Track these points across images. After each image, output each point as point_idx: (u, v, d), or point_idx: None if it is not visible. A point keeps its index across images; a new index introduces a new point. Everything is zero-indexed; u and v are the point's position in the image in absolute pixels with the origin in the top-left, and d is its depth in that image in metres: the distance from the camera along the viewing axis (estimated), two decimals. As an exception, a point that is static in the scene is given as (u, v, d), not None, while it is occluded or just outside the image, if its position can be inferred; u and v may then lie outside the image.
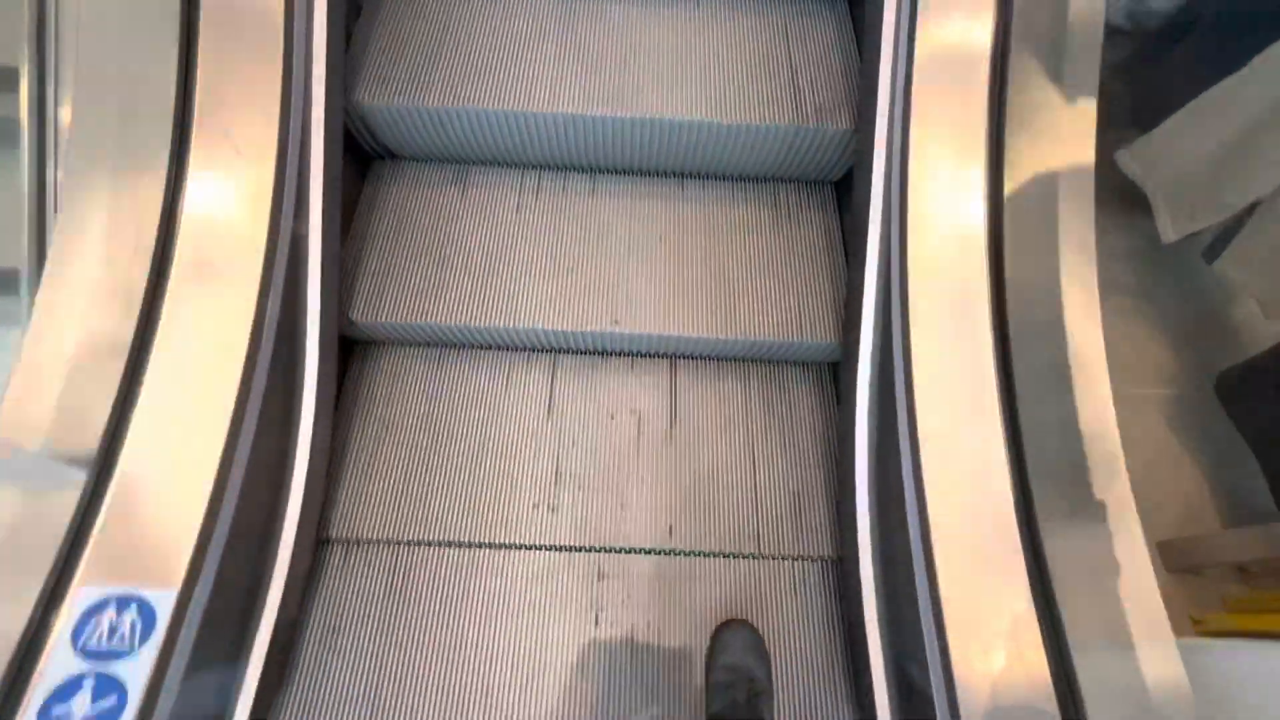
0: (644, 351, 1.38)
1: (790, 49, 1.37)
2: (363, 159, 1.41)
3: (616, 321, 1.28)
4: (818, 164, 1.38)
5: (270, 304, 0.99)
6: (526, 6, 1.39)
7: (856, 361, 1.16)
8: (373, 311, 1.25)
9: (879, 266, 1.14)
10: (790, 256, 1.36)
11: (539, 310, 1.28)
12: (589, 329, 1.27)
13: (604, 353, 1.39)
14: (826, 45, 1.37)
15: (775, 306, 1.30)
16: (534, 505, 1.27)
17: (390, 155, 1.42)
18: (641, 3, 1.41)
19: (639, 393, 1.38)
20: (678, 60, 1.34)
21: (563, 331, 1.27)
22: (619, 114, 1.26)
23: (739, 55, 1.35)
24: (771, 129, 1.28)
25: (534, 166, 1.44)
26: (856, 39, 1.38)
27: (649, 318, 1.28)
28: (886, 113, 1.14)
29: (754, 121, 1.27)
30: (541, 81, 1.29)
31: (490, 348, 1.39)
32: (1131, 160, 1.68)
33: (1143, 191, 1.68)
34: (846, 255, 1.36)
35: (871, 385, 1.15)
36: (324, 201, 1.12)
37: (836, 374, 1.40)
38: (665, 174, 1.45)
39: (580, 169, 1.44)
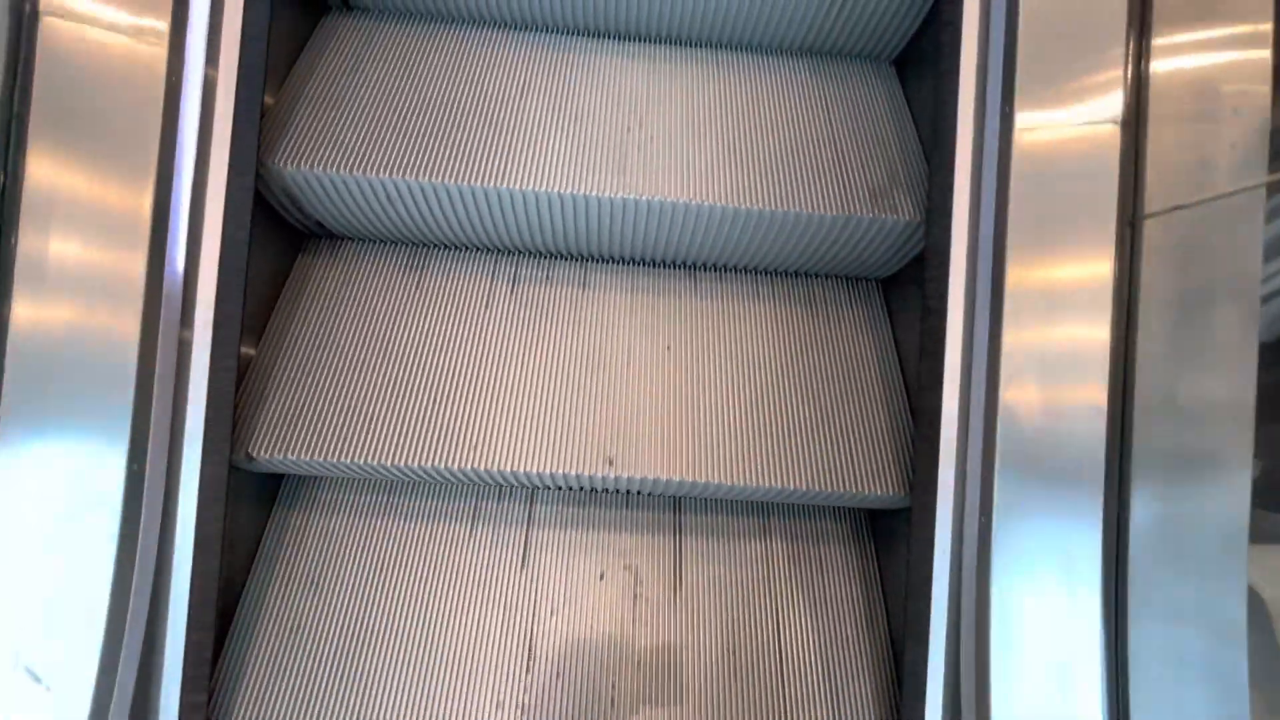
0: (642, 490, 1.07)
1: (831, 120, 1.11)
2: (291, 235, 1.10)
3: (611, 462, 0.97)
4: (866, 259, 1.11)
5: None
6: (508, 54, 1.12)
7: (933, 534, 0.87)
8: (283, 445, 0.93)
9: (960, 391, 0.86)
10: (831, 374, 1.07)
11: (511, 447, 0.96)
12: (575, 471, 0.96)
13: (593, 490, 1.08)
14: (875, 117, 1.12)
15: (812, 444, 1.00)
16: (497, 705, 0.94)
17: (326, 233, 1.12)
18: (648, 57, 1.15)
19: (635, 544, 1.06)
20: (693, 129, 1.07)
21: (541, 474, 0.96)
22: (621, 194, 0.98)
23: (770, 126, 1.09)
24: (814, 219, 1.01)
25: (510, 251, 1.14)
26: (911, 111, 1.13)
27: (651, 458, 0.97)
28: (968, 205, 0.88)
29: (791, 209, 0.99)
30: (523, 149, 1.01)
31: (447, 485, 1.07)
32: None
33: None
34: (903, 367, 1.08)
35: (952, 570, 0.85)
36: (218, 291, 0.82)
37: (876, 523, 1.10)
38: (673, 264, 1.17)
39: (569, 256, 1.15)
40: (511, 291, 1.10)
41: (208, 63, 0.83)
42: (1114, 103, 0.83)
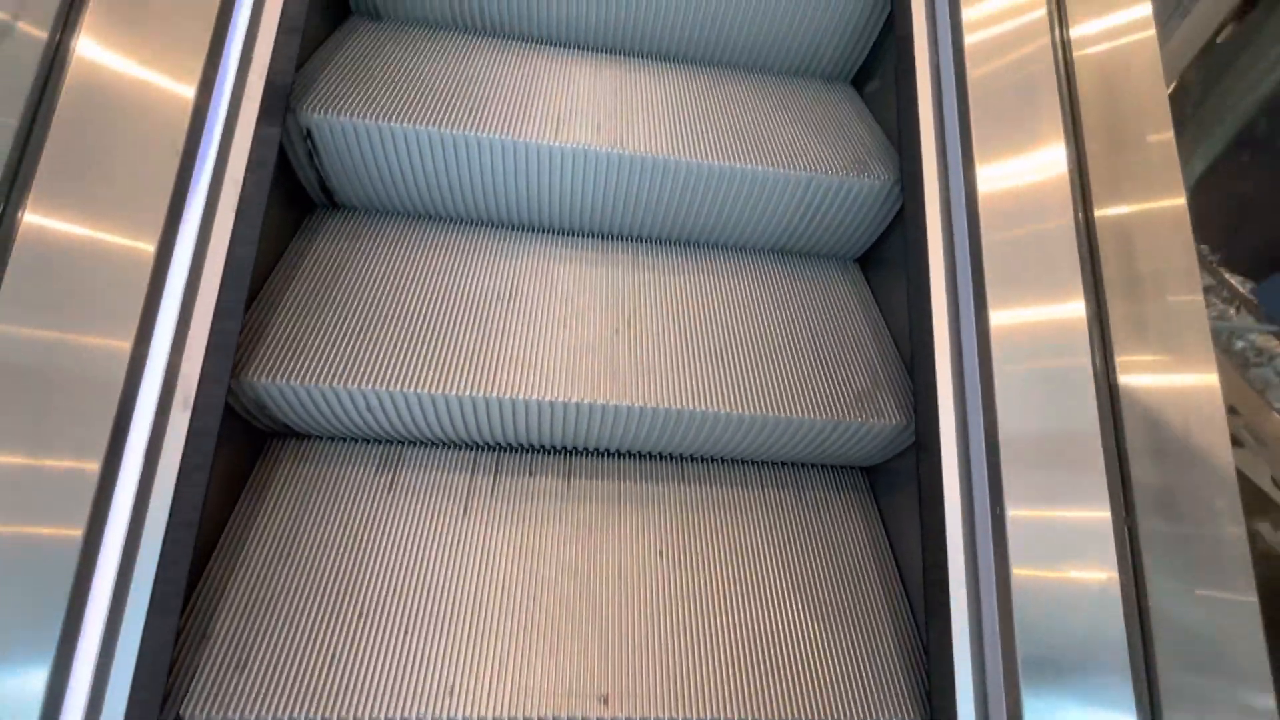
0: (639, 726, 0.96)
1: (809, 321, 1.16)
2: (253, 434, 1.02)
3: (605, 701, 0.87)
4: (852, 455, 1.11)
5: None
6: (495, 256, 1.14)
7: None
8: (223, 702, 0.79)
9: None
10: (830, 574, 1.03)
11: (492, 689, 0.85)
12: (565, 715, 0.85)
13: None
14: (850, 316, 1.18)
15: (821, 669, 0.94)
16: None
17: (291, 433, 1.05)
18: (632, 256, 1.20)
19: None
20: (680, 330, 1.09)
21: (528, 718, 0.85)
22: (614, 401, 0.97)
23: (752, 327, 1.12)
24: (803, 424, 1.01)
25: (490, 447, 1.09)
26: (881, 314, 1.19)
27: (650, 692, 0.88)
28: (953, 407, 0.91)
29: (782, 414, 1.00)
30: (512, 355, 0.99)
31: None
32: None
33: None
34: (900, 571, 1.05)
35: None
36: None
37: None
38: (660, 457, 1.14)
39: (553, 450, 1.11)
40: (492, 495, 1.04)
41: (188, 285, 0.79)
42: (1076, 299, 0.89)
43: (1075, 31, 1.03)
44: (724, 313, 1.13)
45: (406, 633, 0.88)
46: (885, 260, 1.23)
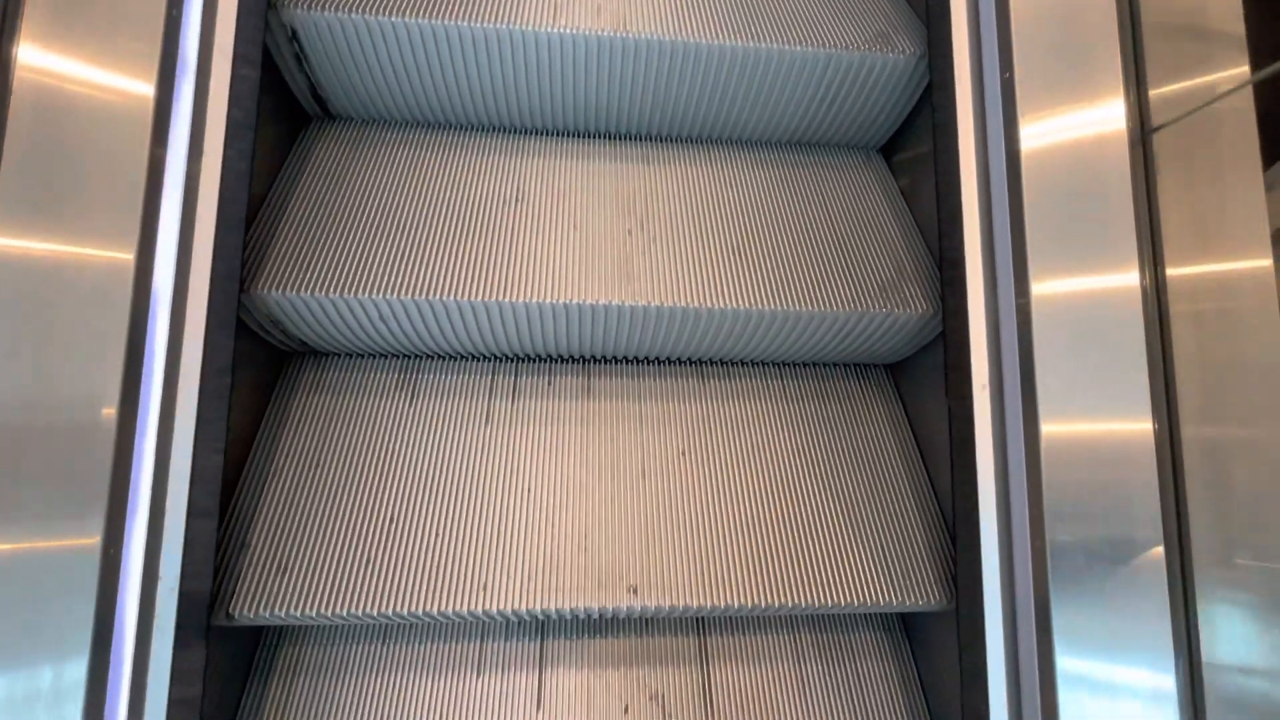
0: (670, 616, 0.99)
1: (830, 213, 1.10)
2: (271, 353, 1.02)
3: (634, 591, 0.89)
4: (877, 350, 1.08)
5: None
6: (500, 160, 1.09)
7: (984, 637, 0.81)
8: (269, 600, 0.82)
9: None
10: (855, 471, 1.03)
11: (524, 584, 0.88)
12: (596, 606, 0.88)
13: (612, 617, 0.99)
14: (874, 207, 1.12)
15: (845, 553, 0.95)
16: None
17: (310, 350, 1.04)
18: (642, 158, 1.14)
19: (659, 672, 0.98)
20: (696, 229, 1.04)
21: (561, 610, 0.88)
22: (629, 301, 0.94)
23: (771, 221, 1.07)
24: (826, 317, 0.98)
25: (509, 358, 1.08)
26: (907, 204, 1.13)
27: (677, 583, 0.90)
28: (984, 303, 0.87)
29: (805, 308, 0.97)
30: (523, 259, 0.97)
31: (448, 627, 0.97)
32: None
33: None
34: (923, 456, 1.04)
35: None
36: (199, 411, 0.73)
37: (910, 625, 1.05)
38: (679, 361, 1.12)
39: (570, 359, 1.10)
40: (513, 402, 1.04)
41: (184, 202, 0.77)
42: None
43: None
44: (741, 208, 1.08)
45: (437, 535, 0.90)
46: (910, 147, 1.16)
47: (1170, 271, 0.82)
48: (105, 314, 0.69)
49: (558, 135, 1.15)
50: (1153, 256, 0.83)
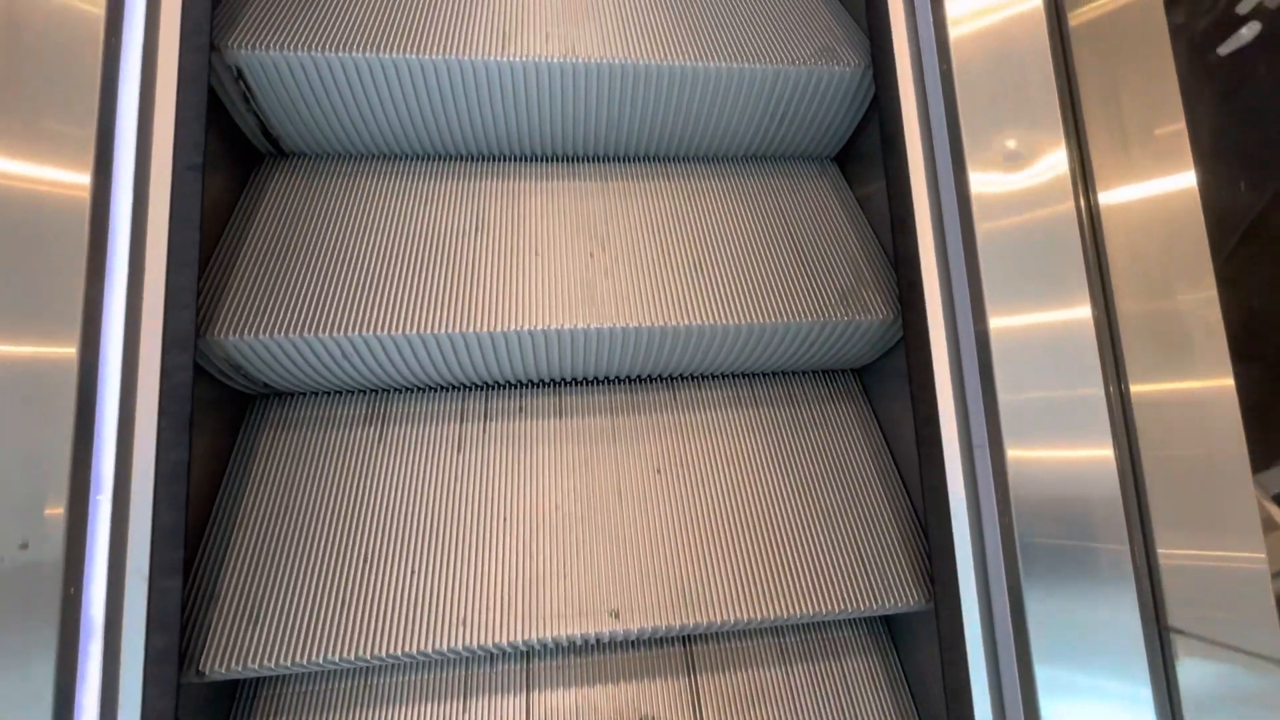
0: (653, 636, 0.99)
1: (789, 224, 1.12)
2: (233, 394, 1.00)
3: (616, 615, 0.89)
4: (843, 356, 1.10)
5: None
6: (459, 188, 1.09)
7: (963, 634, 0.82)
8: (241, 652, 0.80)
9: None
10: (828, 477, 1.04)
11: (505, 616, 0.87)
12: (578, 632, 0.87)
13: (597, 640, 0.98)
14: (831, 215, 1.14)
15: (824, 560, 0.96)
16: None
17: (273, 392, 1.03)
18: (601, 178, 1.15)
19: (648, 689, 0.97)
20: (657, 247, 1.05)
21: (543, 639, 0.87)
22: (594, 325, 0.94)
23: (730, 235, 1.09)
24: (790, 327, 0.99)
25: (479, 387, 1.08)
26: (864, 213, 1.15)
27: (659, 603, 0.90)
28: (939, 305, 0.89)
29: (767, 320, 0.98)
30: (486, 288, 0.96)
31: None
32: None
33: None
34: (898, 467, 1.06)
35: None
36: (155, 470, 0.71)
37: (893, 623, 1.06)
38: (650, 378, 1.13)
39: (542, 384, 1.10)
40: (484, 429, 1.03)
41: (133, 245, 0.75)
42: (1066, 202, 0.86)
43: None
44: (700, 224, 1.09)
45: (413, 571, 0.89)
46: (863, 155, 1.18)
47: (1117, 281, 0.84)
48: (53, 386, 0.67)
49: (516, 160, 1.15)
50: (1097, 260, 0.86)
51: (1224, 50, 1.13)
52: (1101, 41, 0.90)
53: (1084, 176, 0.87)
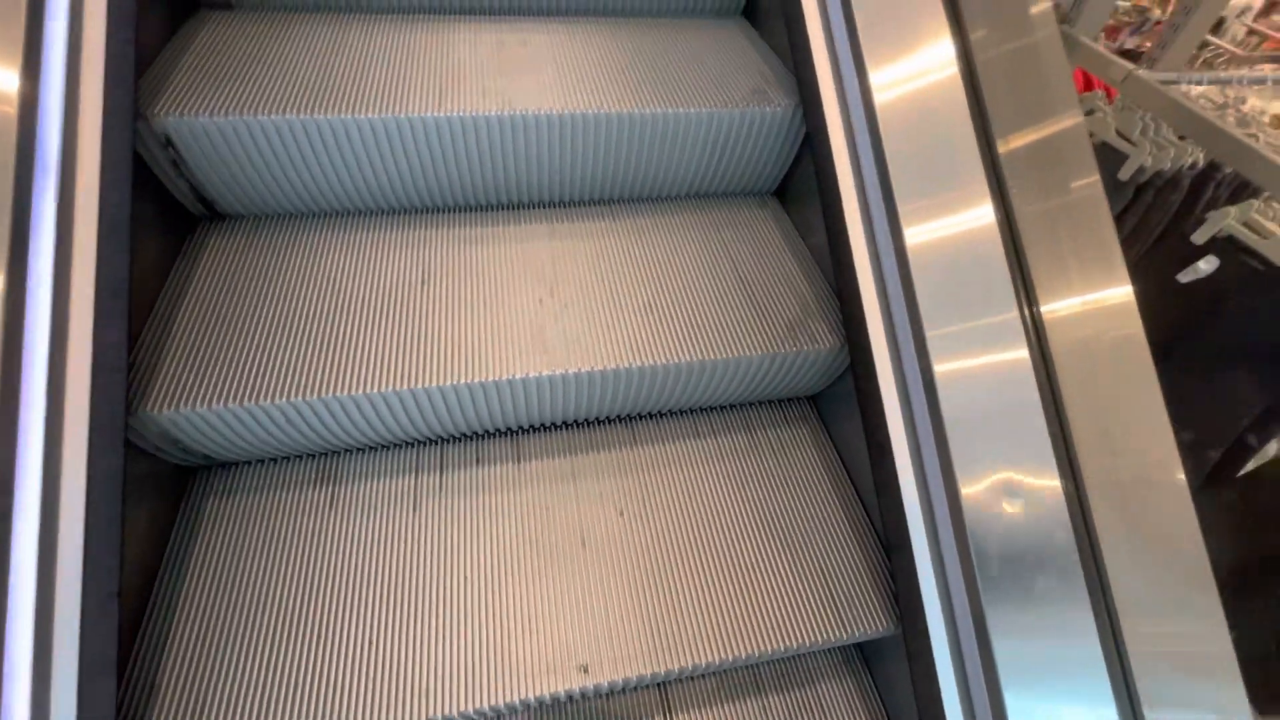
0: (626, 688, 0.96)
1: (734, 259, 1.14)
2: (171, 469, 0.96)
3: (586, 670, 0.86)
4: (796, 386, 1.12)
5: None
6: (405, 240, 1.08)
7: (932, 658, 0.82)
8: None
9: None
10: (789, 505, 1.04)
11: (470, 682, 0.84)
12: (547, 692, 0.84)
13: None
14: (773, 248, 1.17)
15: (791, 593, 0.95)
16: None
17: (216, 463, 0.99)
18: (547, 221, 1.16)
19: (627, 742, 0.94)
20: (605, 290, 1.06)
21: (511, 703, 0.84)
22: (546, 372, 0.94)
23: (677, 274, 1.10)
24: (740, 362, 1.01)
25: (433, 442, 1.06)
26: (804, 243, 1.19)
27: (630, 653, 0.88)
28: (882, 330, 0.91)
29: (718, 357, 0.99)
30: (436, 342, 0.95)
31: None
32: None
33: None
34: (858, 491, 1.07)
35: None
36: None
37: (863, 646, 1.06)
38: (607, 420, 1.12)
39: (498, 434, 1.08)
40: (440, 484, 1.00)
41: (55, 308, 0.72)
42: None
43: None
44: (647, 265, 1.11)
45: (370, 643, 0.85)
46: (801, 188, 1.22)
47: (1044, 304, 0.87)
48: (-36, 466, 0.63)
49: (460, 210, 1.15)
50: (1020, 269, 0.89)
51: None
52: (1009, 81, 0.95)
53: (1009, 222, 0.91)
